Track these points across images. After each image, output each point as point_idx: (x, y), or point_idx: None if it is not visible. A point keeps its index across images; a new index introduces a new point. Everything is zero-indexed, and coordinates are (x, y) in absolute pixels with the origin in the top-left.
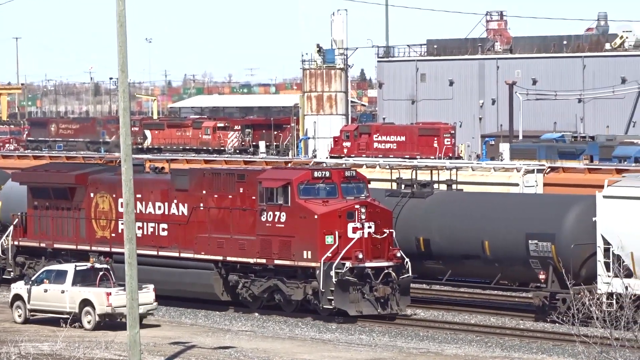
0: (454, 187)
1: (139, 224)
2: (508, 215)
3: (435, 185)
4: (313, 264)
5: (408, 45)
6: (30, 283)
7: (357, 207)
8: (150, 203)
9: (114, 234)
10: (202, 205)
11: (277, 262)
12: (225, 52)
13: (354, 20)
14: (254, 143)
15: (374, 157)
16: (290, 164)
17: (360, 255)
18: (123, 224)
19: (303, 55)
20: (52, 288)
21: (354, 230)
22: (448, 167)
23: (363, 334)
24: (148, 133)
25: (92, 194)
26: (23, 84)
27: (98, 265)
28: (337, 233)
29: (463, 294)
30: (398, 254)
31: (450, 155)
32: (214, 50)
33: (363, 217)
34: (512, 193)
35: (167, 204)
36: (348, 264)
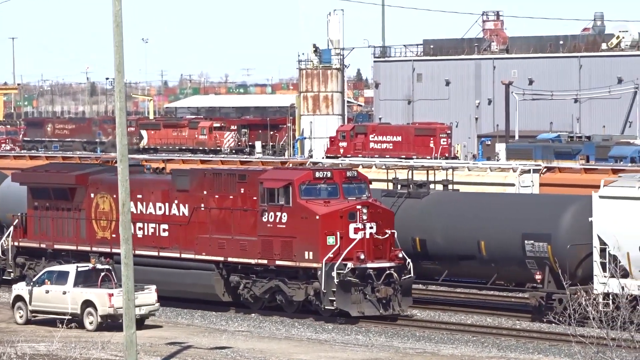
0: (450, 187)
1: (140, 225)
2: (504, 216)
3: (432, 186)
4: (314, 265)
5: (404, 45)
6: (32, 284)
7: (358, 207)
8: (151, 203)
9: (115, 235)
10: (203, 206)
11: (278, 262)
12: (222, 52)
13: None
14: (250, 143)
15: (370, 157)
16: (287, 164)
17: (362, 256)
18: None
19: (299, 56)
20: (53, 289)
21: (356, 231)
22: (444, 167)
23: (359, 334)
24: (144, 133)
25: (92, 195)
26: (19, 84)
27: (100, 266)
28: (338, 234)
29: (459, 294)
30: (400, 255)
31: (447, 156)
32: (211, 51)
33: (365, 217)
34: (508, 193)
35: (167, 205)
36: (350, 265)
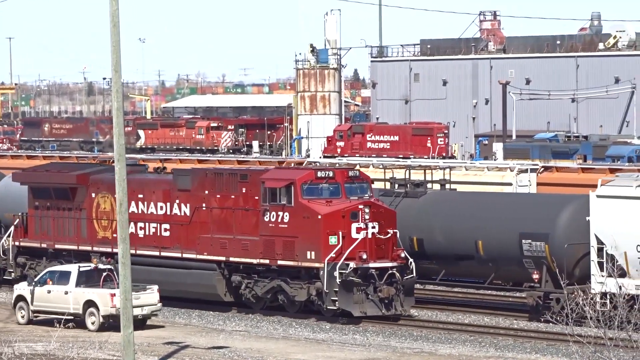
0: (448, 186)
1: (141, 225)
2: (501, 215)
3: (429, 185)
4: (317, 265)
5: (401, 45)
6: (34, 284)
7: (360, 207)
8: (152, 203)
9: (116, 234)
10: (204, 206)
11: (280, 262)
12: (219, 52)
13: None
14: (248, 143)
15: (368, 156)
16: (284, 164)
17: (364, 256)
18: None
19: (296, 55)
20: (55, 289)
21: (358, 231)
22: (441, 166)
23: (357, 334)
24: (141, 133)
25: (93, 194)
26: (16, 84)
27: (102, 266)
28: (340, 233)
29: (457, 294)
30: (402, 255)
31: (444, 155)
32: (208, 50)
33: (367, 217)
34: (505, 193)
35: (169, 204)
36: (352, 265)
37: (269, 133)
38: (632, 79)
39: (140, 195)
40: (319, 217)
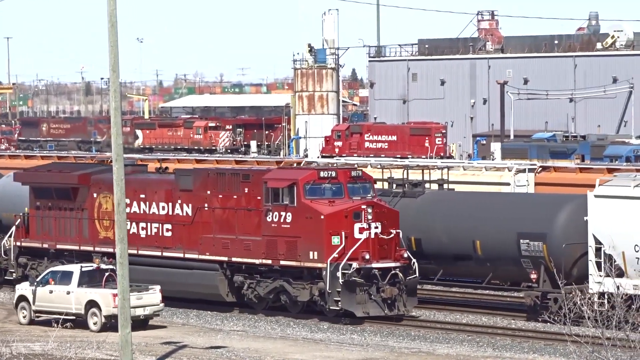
0: (446, 186)
1: (143, 225)
2: (499, 215)
3: (427, 185)
4: (319, 265)
5: (399, 45)
6: (36, 284)
7: (363, 207)
8: (154, 203)
9: None
10: (206, 206)
11: (283, 262)
12: (217, 51)
13: (346, 20)
14: (246, 143)
15: (366, 156)
16: (282, 164)
17: (367, 256)
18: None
19: (294, 55)
20: (57, 289)
21: (361, 231)
22: (439, 166)
23: (354, 334)
24: (139, 133)
25: (95, 194)
26: (14, 84)
27: (104, 266)
28: (343, 233)
29: (455, 294)
30: (405, 255)
31: (442, 155)
32: (206, 50)
33: (370, 217)
34: (503, 192)
35: (171, 204)
36: (355, 265)
37: (267, 133)
38: (630, 79)
39: (142, 196)
40: (322, 217)
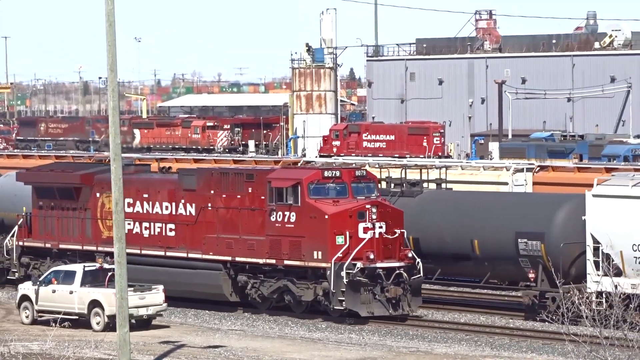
0: (444, 186)
1: (146, 224)
2: (497, 214)
3: (425, 184)
4: (323, 265)
5: (397, 45)
6: (38, 284)
7: (367, 207)
8: (158, 203)
9: None
10: (210, 205)
11: (287, 262)
12: (215, 51)
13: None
14: (244, 142)
15: (364, 156)
16: (280, 163)
17: (372, 256)
18: (129, 224)
19: (292, 55)
20: (60, 289)
21: (365, 231)
22: (437, 166)
23: (352, 333)
24: (137, 132)
25: (98, 194)
26: (12, 83)
27: (107, 266)
28: (347, 233)
29: (453, 293)
30: (409, 254)
31: (440, 154)
32: (203, 50)
33: (374, 217)
34: (501, 192)
35: (174, 204)
36: (359, 265)
37: (265, 132)
38: (627, 78)
39: (145, 195)
40: (326, 217)
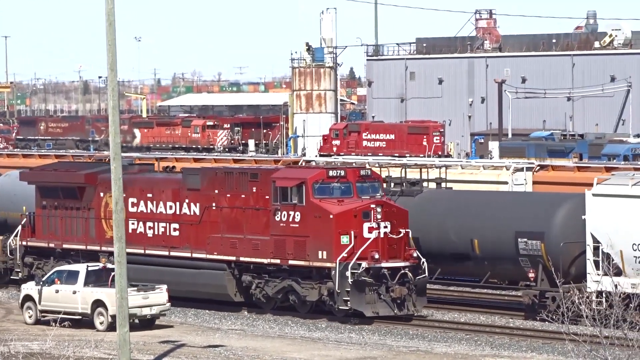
0: (443, 185)
1: (150, 224)
2: (497, 214)
3: (425, 184)
4: (328, 264)
5: (397, 44)
6: (41, 283)
7: (372, 206)
8: (161, 202)
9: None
10: (214, 205)
11: (291, 262)
12: (215, 50)
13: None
14: (243, 141)
15: (363, 155)
16: (280, 163)
17: (377, 256)
18: (133, 224)
19: (292, 54)
20: (63, 289)
21: (370, 230)
22: (437, 165)
23: (352, 333)
24: (137, 132)
25: (101, 194)
26: (12, 83)
27: (110, 266)
28: (352, 233)
29: (453, 293)
30: (414, 254)
31: (440, 154)
32: (203, 49)
33: (379, 216)
34: (501, 191)
35: (178, 204)
36: (364, 264)
37: (265, 132)
38: (627, 78)
39: (149, 195)
40: (331, 216)
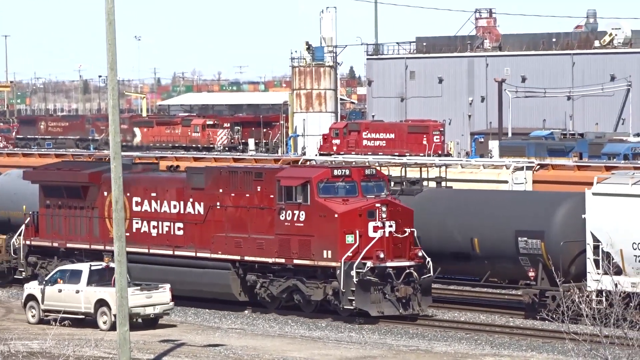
0: (443, 184)
1: (154, 223)
2: (497, 213)
3: (425, 183)
4: (333, 264)
5: (397, 43)
6: (44, 283)
7: (377, 205)
8: (166, 202)
9: (128, 233)
10: (218, 204)
11: (296, 261)
12: (215, 49)
13: (343, 18)
14: (243, 140)
15: (363, 154)
16: (280, 162)
17: (382, 255)
18: (137, 223)
19: (292, 53)
20: (66, 288)
21: (375, 230)
22: (437, 164)
23: (352, 332)
24: (137, 131)
25: (105, 193)
26: (12, 82)
27: (113, 265)
28: (357, 232)
29: (453, 292)
30: (419, 254)
31: (440, 153)
32: (203, 48)
33: (384, 216)
34: (501, 190)
35: (182, 203)
36: (369, 264)
37: (265, 131)
38: (627, 77)
39: (153, 194)
40: (336, 215)
